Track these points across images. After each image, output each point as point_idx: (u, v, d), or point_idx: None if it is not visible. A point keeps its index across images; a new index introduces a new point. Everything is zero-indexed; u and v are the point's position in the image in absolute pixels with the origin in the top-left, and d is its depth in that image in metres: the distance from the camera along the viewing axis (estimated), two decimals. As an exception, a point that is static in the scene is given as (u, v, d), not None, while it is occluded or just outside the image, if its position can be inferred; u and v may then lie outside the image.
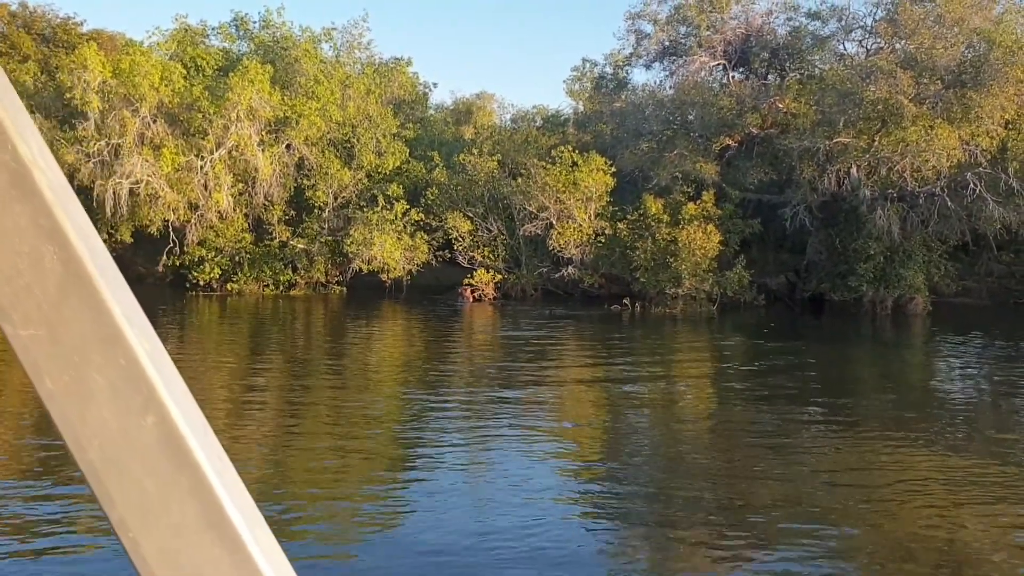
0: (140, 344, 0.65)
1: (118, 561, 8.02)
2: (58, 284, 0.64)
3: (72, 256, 0.64)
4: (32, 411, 14.07)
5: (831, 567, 8.55)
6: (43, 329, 0.64)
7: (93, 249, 0.65)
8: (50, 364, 0.64)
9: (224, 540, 0.64)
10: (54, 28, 49.06)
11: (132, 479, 0.64)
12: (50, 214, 0.64)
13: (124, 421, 0.64)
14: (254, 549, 0.64)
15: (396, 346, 24.84)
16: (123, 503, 0.64)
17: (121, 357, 0.64)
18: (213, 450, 0.66)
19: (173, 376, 0.66)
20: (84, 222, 0.66)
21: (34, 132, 0.66)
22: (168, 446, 0.64)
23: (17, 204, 0.64)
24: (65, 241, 0.64)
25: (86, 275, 0.64)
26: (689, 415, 15.75)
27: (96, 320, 0.64)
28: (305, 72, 37.99)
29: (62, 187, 0.66)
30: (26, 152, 0.64)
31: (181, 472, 0.64)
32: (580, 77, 47.41)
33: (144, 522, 0.64)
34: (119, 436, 0.64)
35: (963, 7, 32.73)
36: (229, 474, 0.66)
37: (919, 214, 32.48)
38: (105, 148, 34.32)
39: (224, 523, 0.64)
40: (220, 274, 36.36)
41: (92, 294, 0.64)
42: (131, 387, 0.64)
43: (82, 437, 0.64)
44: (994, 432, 14.59)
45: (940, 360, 23.80)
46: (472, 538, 8.95)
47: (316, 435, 13.52)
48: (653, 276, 32.98)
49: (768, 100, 35.77)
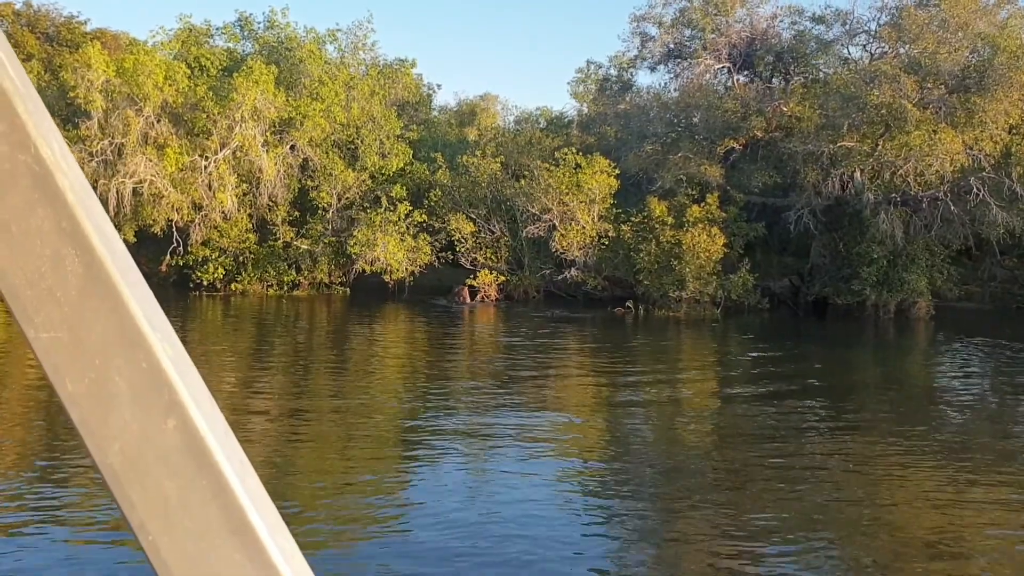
0: (162, 347, 0.64)
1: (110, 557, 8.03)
2: (79, 287, 0.64)
3: (94, 259, 0.64)
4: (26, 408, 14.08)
5: (831, 570, 8.55)
6: (64, 332, 0.63)
7: (114, 252, 0.65)
8: (71, 367, 0.63)
9: (245, 545, 0.63)
10: (58, 27, 49.15)
11: (153, 483, 0.63)
12: (72, 217, 0.64)
13: (145, 424, 0.63)
14: (276, 555, 0.64)
15: (398, 346, 24.84)
16: (144, 507, 0.63)
17: (143, 360, 0.64)
18: (235, 454, 0.66)
19: (195, 379, 0.66)
20: (105, 225, 0.66)
21: (56, 134, 0.66)
22: (189, 450, 0.63)
23: (39, 207, 0.64)
24: (87, 244, 0.64)
25: (108, 278, 0.64)
26: (691, 417, 15.74)
27: (118, 323, 0.64)
28: (309, 73, 37.99)
29: (84, 189, 0.65)
30: (48, 154, 0.64)
31: (202, 476, 0.63)
32: (584, 79, 47.43)
33: (165, 526, 0.63)
34: (140, 439, 0.63)
35: (967, 12, 32.74)
36: (251, 479, 0.66)
37: (922, 218, 32.46)
38: (109, 147, 34.33)
39: (246, 528, 0.63)
40: (224, 274, 36.36)
41: (114, 297, 0.64)
42: (152, 390, 0.63)
43: (103, 440, 0.63)
44: (997, 436, 14.58)
45: (943, 364, 23.79)
46: (473, 535, 8.95)
47: (318, 433, 13.52)
48: (657, 279, 32.95)
49: (772, 104, 35.77)
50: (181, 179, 34.73)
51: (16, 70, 0.67)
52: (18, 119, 0.64)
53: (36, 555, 8.25)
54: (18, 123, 0.64)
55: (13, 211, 0.64)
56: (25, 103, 0.65)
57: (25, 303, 0.64)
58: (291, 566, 0.65)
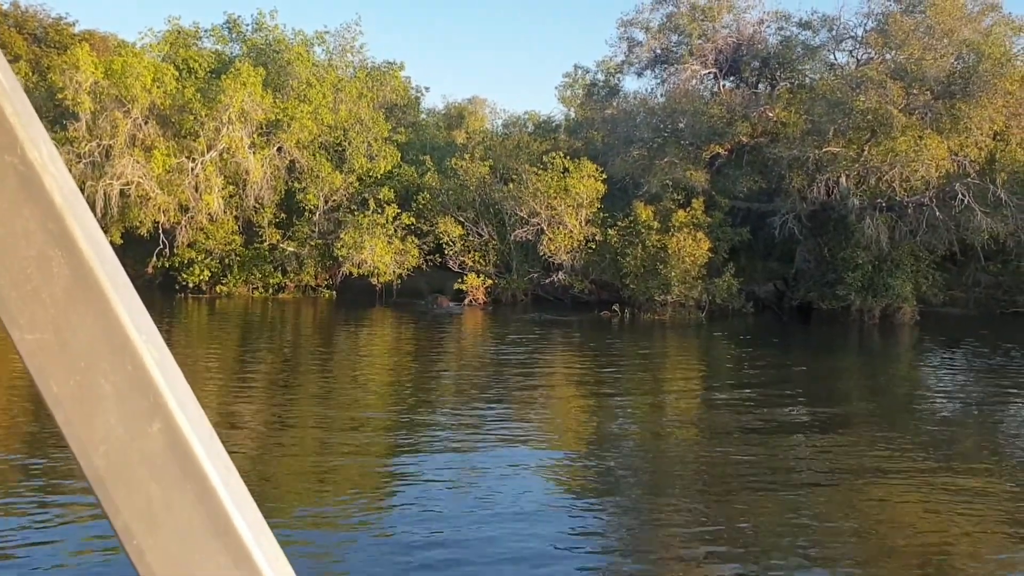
0: (147, 350, 0.65)
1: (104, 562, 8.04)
2: (66, 289, 0.63)
3: (80, 261, 0.64)
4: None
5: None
6: (50, 334, 0.63)
7: (102, 254, 0.65)
8: (56, 369, 0.63)
9: (230, 548, 0.63)
10: (46, 28, 48.97)
11: (138, 486, 0.63)
12: (59, 218, 0.64)
13: (130, 427, 0.63)
14: (259, 558, 0.64)
15: (383, 349, 24.85)
16: (128, 510, 0.63)
17: (128, 363, 0.64)
18: (219, 458, 0.66)
19: (180, 383, 0.66)
20: (93, 227, 0.66)
21: (44, 136, 0.66)
22: (174, 453, 0.63)
23: (26, 208, 0.63)
24: (73, 246, 0.64)
25: (94, 280, 0.64)
26: (675, 421, 15.81)
27: (104, 325, 0.64)
28: (297, 75, 37.99)
29: (71, 192, 0.66)
30: (36, 156, 0.64)
31: (187, 479, 0.63)
32: (572, 83, 47.59)
33: (149, 529, 0.63)
34: (125, 442, 0.63)
35: (953, 19, 32.98)
36: (235, 482, 0.67)
37: (907, 224, 32.64)
38: (96, 149, 34.26)
39: (230, 531, 0.64)
40: (209, 276, 36.31)
41: (100, 299, 0.64)
42: (138, 393, 0.63)
43: (88, 443, 0.63)
44: (980, 441, 14.69)
45: (927, 369, 23.94)
46: (457, 537, 8.99)
47: (302, 437, 13.54)
48: (643, 283, 33.07)
49: (758, 109, 35.92)
50: (168, 181, 34.68)
51: (4, 71, 0.67)
52: (5, 120, 0.64)
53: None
54: (5, 124, 0.64)
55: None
56: (13, 104, 0.65)
57: (10, 304, 0.64)
58: (274, 569, 0.65)
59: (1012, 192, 30.97)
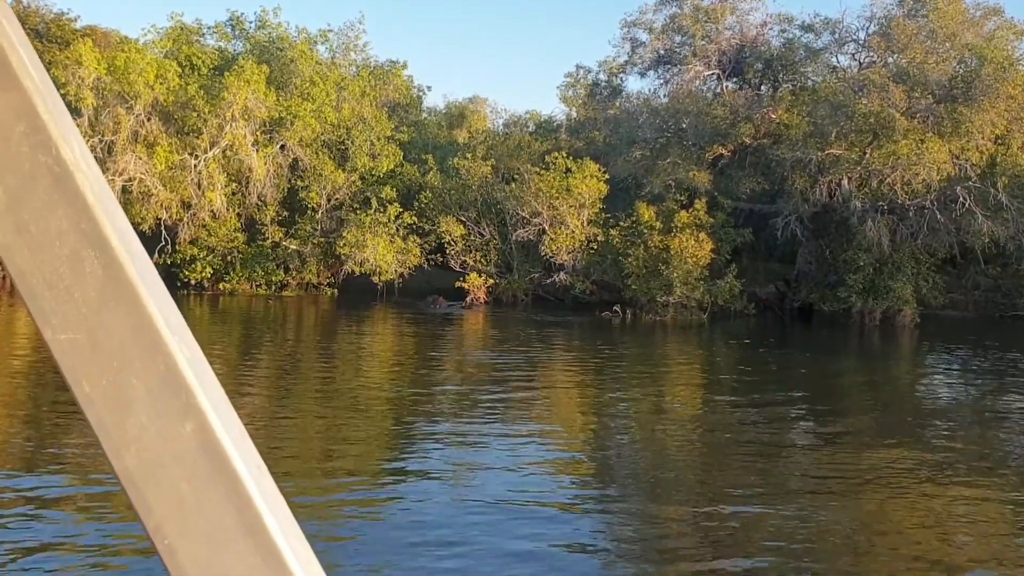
0: (179, 350, 0.65)
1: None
2: (98, 288, 0.64)
3: (113, 260, 0.64)
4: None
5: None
6: (82, 333, 0.64)
7: (134, 254, 0.66)
8: (89, 369, 0.64)
9: (260, 548, 0.64)
10: (48, 23, 48.91)
11: (170, 485, 0.63)
12: (92, 218, 0.64)
13: (163, 427, 0.64)
14: (290, 558, 0.64)
15: (384, 348, 24.89)
16: (160, 509, 0.63)
17: (160, 363, 0.64)
18: (251, 457, 0.67)
19: (212, 382, 0.67)
20: (125, 226, 0.67)
21: (76, 134, 0.67)
22: (206, 453, 0.64)
23: (59, 207, 0.64)
24: (106, 245, 0.64)
25: (126, 280, 0.64)
26: (675, 424, 15.84)
27: (136, 325, 0.64)
28: (300, 73, 38.02)
29: (103, 190, 0.66)
30: (69, 155, 0.64)
31: (219, 479, 0.64)
32: (574, 83, 47.57)
33: (181, 529, 0.63)
34: (157, 442, 0.63)
35: (955, 23, 33.05)
36: (266, 482, 0.67)
37: (909, 227, 32.69)
38: (98, 145, 34.25)
39: (261, 531, 0.64)
40: (212, 273, 36.35)
41: (132, 299, 0.64)
42: (170, 393, 0.64)
43: (120, 443, 0.64)
44: (980, 444, 14.71)
45: (927, 372, 23.98)
46: (459, 538, 9.03)
47: (302, 435, 13.58)
48: (644, 283, 33.09)
49: (761, 110, 35.98)
50: (170, 177, 34.70)
51: (37, 69, 0.67)
52: (39, 119, 0.65)
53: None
54: (39, 123, 0.65)
55: (33, 212, 0.64)
56: (46, 102, 0.65)
57: (43, 304, 0.64)
58: (305, 569, 0.66)
59: (1013, 196, 31.03)
